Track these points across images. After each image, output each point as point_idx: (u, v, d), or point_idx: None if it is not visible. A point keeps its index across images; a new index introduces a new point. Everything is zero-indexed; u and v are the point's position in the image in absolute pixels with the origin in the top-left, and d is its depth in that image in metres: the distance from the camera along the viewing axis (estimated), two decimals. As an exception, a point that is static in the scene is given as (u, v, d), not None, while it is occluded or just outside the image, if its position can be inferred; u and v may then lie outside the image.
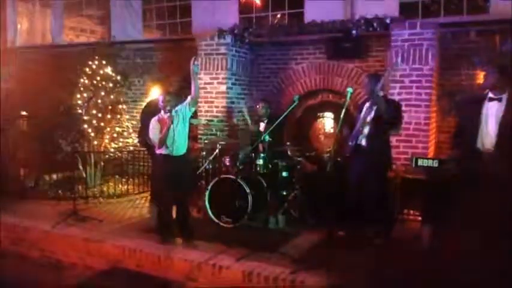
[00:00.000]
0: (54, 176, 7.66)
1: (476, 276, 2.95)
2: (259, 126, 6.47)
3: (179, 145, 5.06)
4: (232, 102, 7.33)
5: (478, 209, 3.63)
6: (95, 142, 7.76)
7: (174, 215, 5.29)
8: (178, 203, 5.22)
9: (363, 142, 4.96)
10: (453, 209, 4.02)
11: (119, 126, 8.25)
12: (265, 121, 6.30)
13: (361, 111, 5.12)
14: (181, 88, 7.81)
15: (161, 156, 5.13)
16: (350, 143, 5.03)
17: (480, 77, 5.74)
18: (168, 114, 5.02)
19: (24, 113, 8.05)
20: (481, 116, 4.33)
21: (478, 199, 3.65)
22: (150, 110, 6.60)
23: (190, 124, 5.45)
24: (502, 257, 2.95)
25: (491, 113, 4.29)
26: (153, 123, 5.12)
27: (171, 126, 4.94)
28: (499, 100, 4.26)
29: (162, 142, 5.02)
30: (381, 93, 4.96)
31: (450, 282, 3.16)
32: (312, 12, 7.09)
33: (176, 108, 5.07)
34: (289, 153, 6.03)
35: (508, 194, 3.65)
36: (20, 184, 7.39)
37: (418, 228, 4.97)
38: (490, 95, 4.33)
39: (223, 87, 7.18)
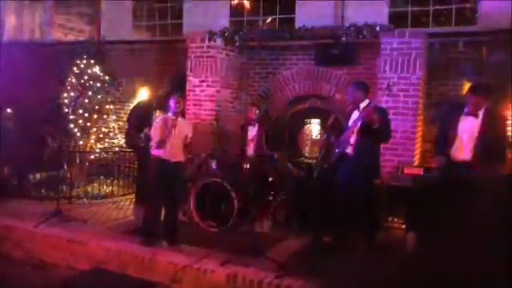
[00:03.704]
0: (38, 175, 7.57)
1: (459, 283, 2.98)
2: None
3: (173, 150, 5.07)
4: (221, 106, 7.32)
5: (460, 216, 3.68)
6: (81, 142, 7.69)
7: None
8: (169, 206, 5.19)
9: (350, 150, 4.99)
10: (437, 216, 4.06)
11: (106, 127, 8.19)
12: (256, 125, 6.29)
13: (348, 119, 5.15)
14: (170, 89, 7.78)
15: (156, 158, 5.12)
16: (336, 150, 5.06)
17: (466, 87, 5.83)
18: (174, 117, 5.02)
19: (9, 110, 7.96)
20: (457, 128, 4.45)
21: (459, 207, 3.70)
22: (139, 112, 6.60)
23: None
24: (487, 264, 2.98)
25: (468, 127, 4.46)
26: (159, 122, 5.12)
27: (173, 130, 4.98)
28: (476, 116, 4.40)
29: (162, 143, 5.02)
30: (367, 101, 5.00)
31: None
32: (303, 18, 7.12)
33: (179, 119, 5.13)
34: (276, 158, 6.04)
35: (485, 203, 3.71)
36: (3, 182, 7.29)
37: (403, 235, 5.00)
38: (467, 110, 4.46)
39: (212, 90, 7.17)
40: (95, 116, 7.78)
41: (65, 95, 7.64)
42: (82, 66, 7.73)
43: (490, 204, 3.62)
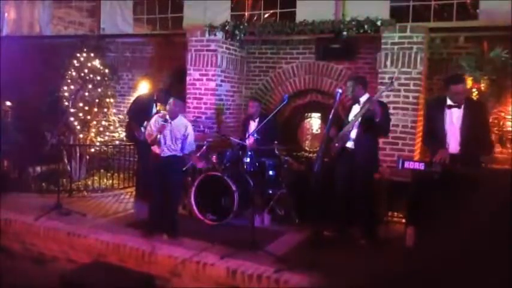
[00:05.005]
0: (39, 169, 7.57)
1: (459, 278, 2.98)
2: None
3: (165, 147, 5.15)
4: (221, 100, 7.31)
5: (460, 211, 3.68)
6: (81, 135, 7.69)
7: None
8: (166, 199, 5.20)
9: (350, 145, 5.00)
10: (437, 211, 4.06)
11: (106, 120, 8.19)
12: (257, 120, 6.29)
13: (349, 113, 5.16)
14: (170, 83, 7.76)
15: (153, 154, 5.23)
16: (336, 144, 5.06)
17: (468, 82, 5.81)
18: (163, 122, 5.09)
19: (8, 103, 7.94)
20: (444, 122, 4.52)
21: (459, 202, 3.70)
22: (139, 105, 6.59)
23: None
24: (487, 258, 2.98)
25: (452, 119, 4.50)
26: (151, 121, 5.23)
27: (163, 132, 5.07)
28: (458, 107, 4.40)
29: (153, 141, 5.15)
30: (367, 96, 5.01)
31: (434, 283, 3.19)
32: (304, 12, 7.09)
33: (175, 120, 5.16)
34: (276, 152, 6.03)
35: (485, 198, 3.72)
36: (3, 176, 7.29)
37: (403, 230, 5.00)
38: (449, 102, 4.46)
39: (212, 84, 7.15)
40: (95, 110, 7.78)
41: (65, 88, 7.62)
42: (82, 59, 7.71)
43: (490, 200, 3.63)
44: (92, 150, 7.89)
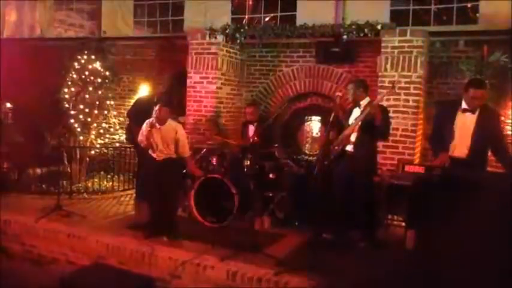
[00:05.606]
0: (39, 170, 7.57)
1: (459, 280, 2.99)
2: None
3: (158, 151, 5.21)
4: (221, 102, 7.32)
5: (461, 215, 3.69)
6: (81, 137, 7.71)
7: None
8: (164, 201, 5.22)
9: (350, 148, 5.01)
10: (437, 214, 4.07)
11: (106, 122, 8.21)
12: (255, 123, 6.29)
13: (349, 117, 5.17)
14: (171, 86, 7.78)
15: (150, 157, 5.28)
16: (336, 148, 5.07)
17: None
18: (149, 128, 5.14)
19: (9, 105, 7.96)
20: (454, 126, 4.47)
21: (459, 206, 3.71)
22: (140, 107, 6.60)
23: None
24: (487, 261, 2.98)
25: (465, 123, 4.46)
26: (144, 127, 5.26)
27: (149, 137, 5.16)
28: (473, 112, 4.38)
29: (146, 147, 5.24)
30: (367, 99, 5.03)
31: (434, 286, 3.21)
32: (304, 16, 7.11)
33: (164, 125, 5.21)
34: (276, 155, 6.04)
35: (485, 202, 3.73)
36: (4, 177, 7.29)
37: (403, 233, 5.01)
38: (464, 105, 4.45)
39: (212, 87, 7.16)
40: (96, 112, 7.80)
41: (66, 90, 7.64)
42: (83, 61, 7.74)
43: (491, 203, 3.63)
44: (92, 152, 7.90)
